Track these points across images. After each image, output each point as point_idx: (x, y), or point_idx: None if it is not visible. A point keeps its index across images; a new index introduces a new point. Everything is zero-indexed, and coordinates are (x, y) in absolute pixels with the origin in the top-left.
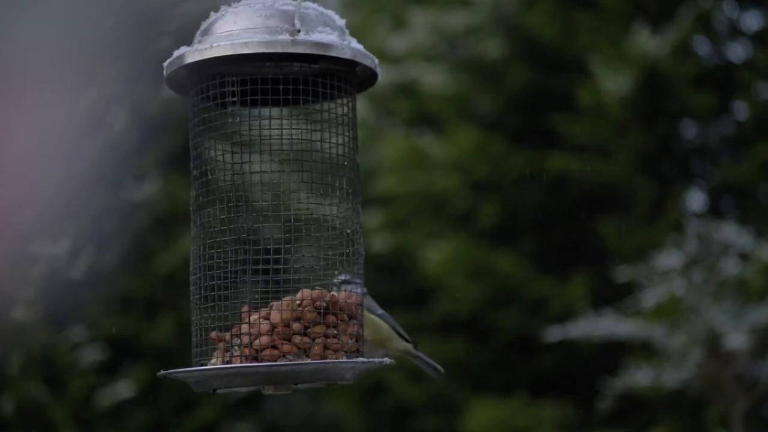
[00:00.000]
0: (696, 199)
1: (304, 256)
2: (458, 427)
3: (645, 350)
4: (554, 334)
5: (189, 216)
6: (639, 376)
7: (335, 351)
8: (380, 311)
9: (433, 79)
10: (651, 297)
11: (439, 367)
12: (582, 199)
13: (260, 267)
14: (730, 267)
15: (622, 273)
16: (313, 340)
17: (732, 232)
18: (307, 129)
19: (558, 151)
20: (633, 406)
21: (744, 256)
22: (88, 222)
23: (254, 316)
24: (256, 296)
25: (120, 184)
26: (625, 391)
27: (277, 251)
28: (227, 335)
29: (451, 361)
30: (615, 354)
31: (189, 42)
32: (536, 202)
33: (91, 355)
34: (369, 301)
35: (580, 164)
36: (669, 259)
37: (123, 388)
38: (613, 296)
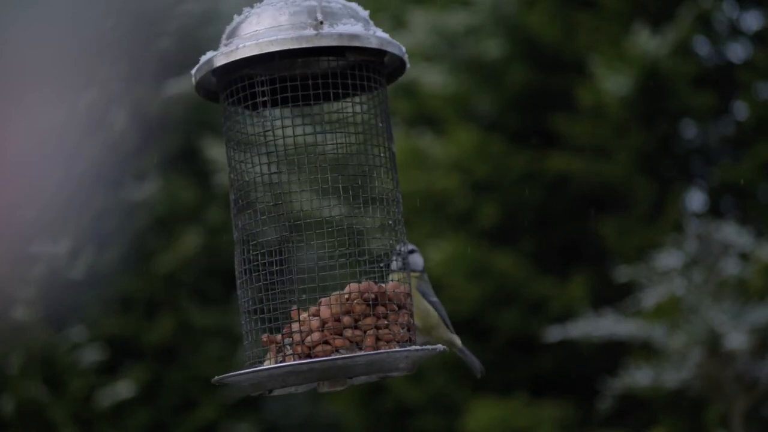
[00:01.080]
0: (696, 199)
1: (343, 250)
2: (458, 427)
3: (645, 350)
4: (554, 334)
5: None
6: (639, 376)
7: (387, 341)
8: (434, 298)
9: (433, 79)
10: (651, 297)
11: (481, 366)
12: (582, 199)
13: (288, 265)
14: (730, 267)
15: (622, 273)
16: (365, 332)
17: (732, 232)
18: (338, 126)
19: (558, 151)
20: (633, 406)
21: (744, 256)
22: (88, 222)
23: (303, 315)
24: (303, 296)
25: (120, 184)
26: (625, 391)
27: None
28: (278, 337)
29: (451, 361)
30: (615, 354)
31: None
32: (536, 202)
33: (91, 355)
34: (425, 286)
35: (580, 164)
36: (669, 259)
37: (123, 388)
38: (613, 296)
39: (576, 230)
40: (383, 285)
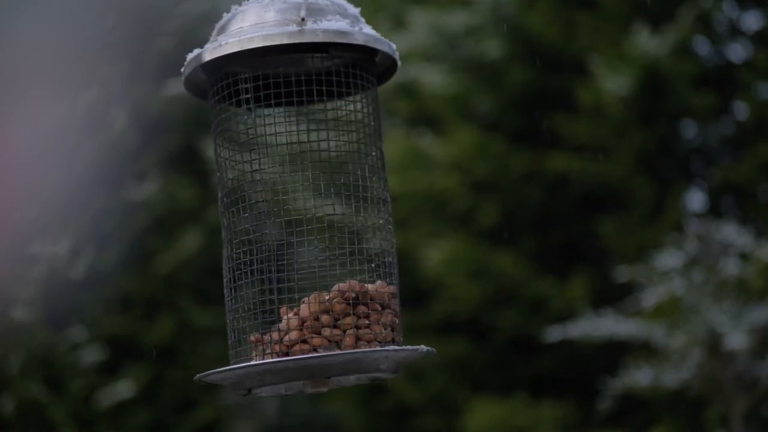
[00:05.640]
0: (696, 199)
1: (331, 254)
2: (458, 427)
3: (645, 350)
4: (554, 334)
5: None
6: (639, 376)
7: (368, 342)
8: None
9: (433, 79)
10: (651, 297)
11: None
12: (582, 199)
13: (281, 264)
14: (730, 267)
15: (622, 273)
16: (344, 331)
17: (732, 232)
18: (326, 126)
19: (558, 151)
20: (633, 406)
21: (744, 256)
22: (88, 222)
23: (289, 314)
24: (293, 295)
25: (120, 184)
26: (625, 391)
27: (290, 248)
28: (265, 336)
29: (451, 361)
30: (615, 354)
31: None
32: (536, 202)
33: (91, 355)
34: None
35: (580, 164)
36: (669, 259)
37: (123, 388)
38: (613, 296)
39: (576, 230)
40: (366, 285)
